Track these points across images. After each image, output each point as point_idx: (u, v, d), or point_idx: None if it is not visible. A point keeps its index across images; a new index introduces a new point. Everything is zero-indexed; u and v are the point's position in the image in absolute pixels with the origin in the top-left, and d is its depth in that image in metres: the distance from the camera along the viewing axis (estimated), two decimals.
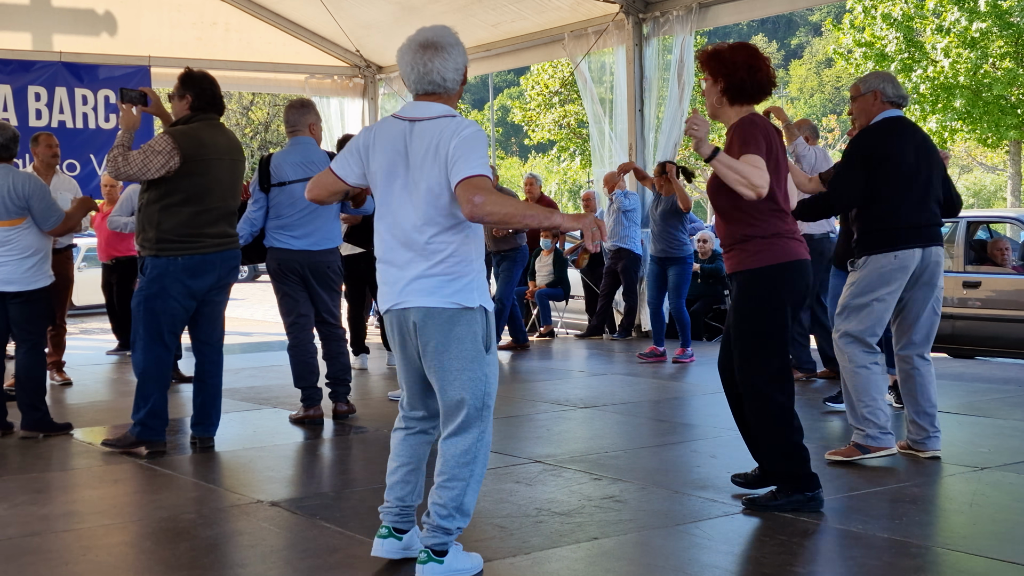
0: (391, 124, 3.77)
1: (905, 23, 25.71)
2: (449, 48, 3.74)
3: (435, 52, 3.72)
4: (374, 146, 3.77)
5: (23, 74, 12.34)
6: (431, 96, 3.75)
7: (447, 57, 3.73)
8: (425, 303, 3.63)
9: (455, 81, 3.76)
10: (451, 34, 3.80)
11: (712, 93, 4.51)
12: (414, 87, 3.77)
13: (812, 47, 72.45)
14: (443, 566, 3.65)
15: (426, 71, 3.71)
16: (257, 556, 4.03)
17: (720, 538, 4.22)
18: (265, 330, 13.77)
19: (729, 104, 4.51)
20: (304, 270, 6.65)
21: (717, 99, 4.51)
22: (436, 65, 3.71)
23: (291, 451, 6.14)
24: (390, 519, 3.87)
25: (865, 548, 3.99)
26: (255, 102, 37.37)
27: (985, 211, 14.35)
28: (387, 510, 3.88)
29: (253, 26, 14.30)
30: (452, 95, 3.78)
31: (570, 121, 36.34)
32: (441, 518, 3.64)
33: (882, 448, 5.34)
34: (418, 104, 3.76)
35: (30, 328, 6.46)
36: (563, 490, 4.95)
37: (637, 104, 11.77)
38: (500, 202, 3.51)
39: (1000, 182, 40.90)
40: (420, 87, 3.75)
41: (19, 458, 5.97)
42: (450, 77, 3.74)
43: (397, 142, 3.72)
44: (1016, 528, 4.29)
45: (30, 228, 6.41)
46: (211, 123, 5.90)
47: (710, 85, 4.51)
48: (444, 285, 3.63)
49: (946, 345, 9.89)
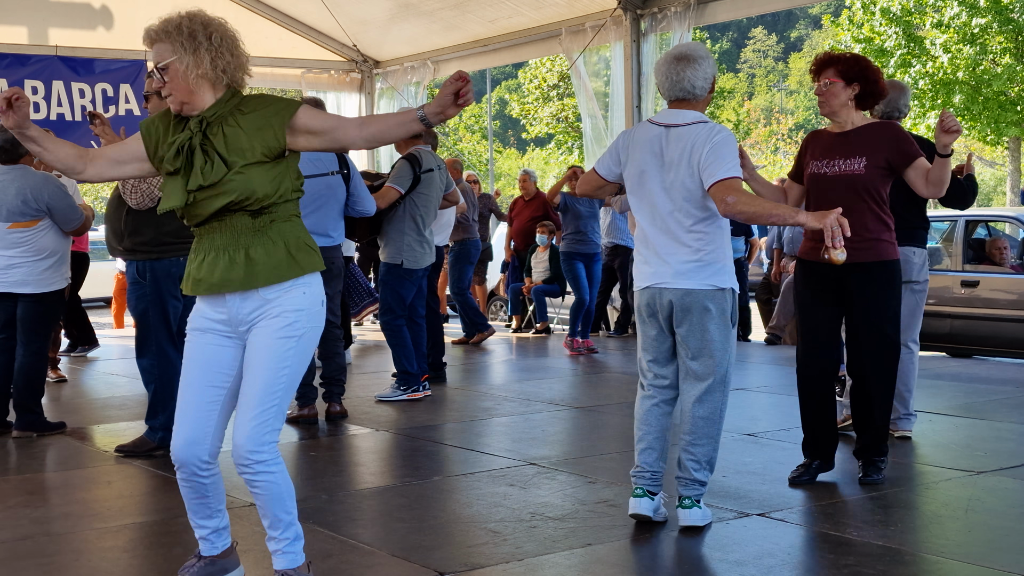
0: (647, 128, 4.36)
1: (904, 18, 25.67)
2: (700, 60, 4.29)
3: (687, 63, 4.27)
4: (631, 148, 4.36)
5: (19, 68, 12.31)
6: (683, 103, 4.32)
7: (697, 68, 4.27)
8: (684, 285, 4.23)
9: (704, 89, 4.31)
10: (702, 48, 4.37)
11: (842, 94, 4.93)
12: (668, 94, 4.34)
13: (812, 40, 72.38)
14: (703, 511, 4.31)
15: (679, 79, 4.27)
16: (250, 561, 4.01)
17: (714, 544, 4.20)
18: None
19: (855, 108, 4.99)
20: None
21: (847, 99, 4.95)
22: (688, 74, 4.26)
23: (284, 452, 6.12)
24: (643, 482, 4.36)
25: (859, 555, 3.97)
26: None
27: (984, 210, 14.35)
28: (639, 474, 4.37)
29: (250, 20, 14.26)
30: (701, 101, 4.33)
31: (568, 115, 36.29)
32: (695, 471, 4.28)
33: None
34: (672, 111, 4.33)
35: (37, 330, 6.40)
36: (557, 494, 4.94)
37: (635, 100, 11.74)
38: (750, 201, 4.10)
39: (1000, 176, 40.87)
40: (673, 94, 4.32)
41: (13, 459, 5.96)
42: (699, 85, 4.29)
43: (653, 144, 4.30)
44: (1012, 535, 4.27)
45: (47, 230, 6.35)
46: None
47: (841, 87, 4.92)
48: (700, 269, 4.22)
49: (944, 344, 9.88)
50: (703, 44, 4.35)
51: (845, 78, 4.93)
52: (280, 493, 3.36)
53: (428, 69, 14.69)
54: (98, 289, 17.81)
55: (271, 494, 3.34)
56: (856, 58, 5.00)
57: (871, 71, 4.95)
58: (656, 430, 4.40)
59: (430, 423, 6.79)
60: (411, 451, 6.08)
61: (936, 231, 11.09)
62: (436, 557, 4.01)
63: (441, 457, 5.94)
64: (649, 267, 4.33)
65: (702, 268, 4.22)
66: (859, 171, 4.88)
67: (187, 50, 3.26)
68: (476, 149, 44.98)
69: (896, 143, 4.92)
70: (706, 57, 4.31)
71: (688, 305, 4.23)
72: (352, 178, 6.80)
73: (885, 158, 4.89)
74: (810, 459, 5.10)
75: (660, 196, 4.27)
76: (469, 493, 5.02)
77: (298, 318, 3.33)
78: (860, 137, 4.94)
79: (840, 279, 4.93)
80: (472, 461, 5.72)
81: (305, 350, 3.36)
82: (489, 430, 6.61)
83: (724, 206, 4.08)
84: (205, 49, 3.27)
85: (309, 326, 3.37)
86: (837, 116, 5.00)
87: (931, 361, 9.55)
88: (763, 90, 70.04)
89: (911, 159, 4.90)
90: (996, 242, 10.02)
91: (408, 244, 7.45)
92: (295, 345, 3.33)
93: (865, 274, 4.90)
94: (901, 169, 4.92)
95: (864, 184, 4.88)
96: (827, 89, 4.95)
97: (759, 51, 79.54)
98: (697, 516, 4.28)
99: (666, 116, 4.34)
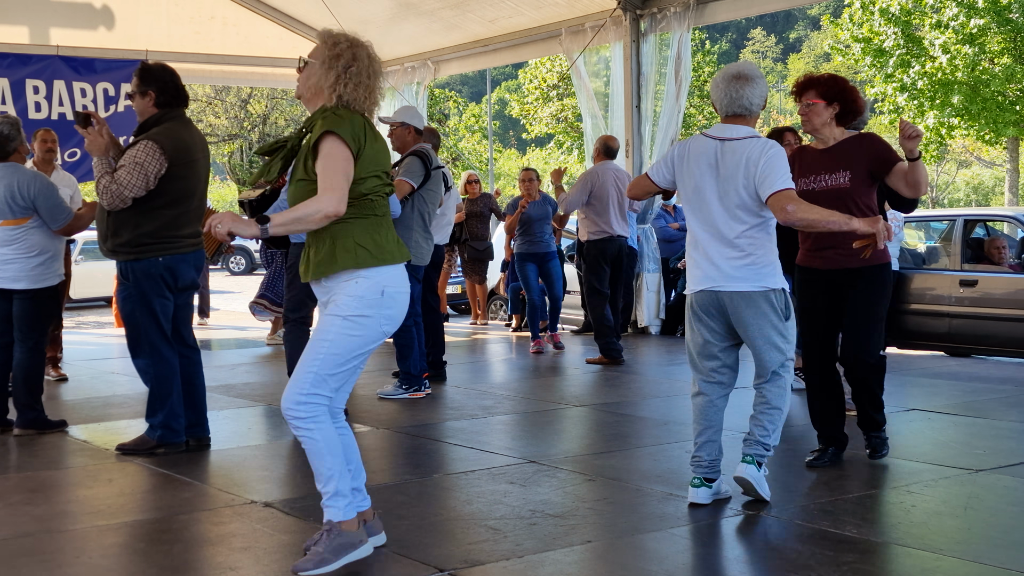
0: (703, 141, 4.69)
1: (903, 18, 25.68)
2: (756, 80, 4.65)
3: (745, 82, 4.62)
4: (687, 158, 4.70)
5: (21, 67, 12.30)
6: (738, 119, 4.65)
7: (755, 87, 4.63)
8: (740, 288, 4.58)
9: (759, 106, 4.67)
10: (757, 68, 4.74)
11: (824, 113, 5.27)
12: (725, 110, 4.66)
13: (811, 41, 72.39)
14: (759, 471, 4.62)
15: (737, 96, 4.61)
16: (250, 559, 4.02)
17: (714, 542, 4.22)
18: (262, 325, 13.73)
19: (836, 124, 5.32)
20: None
21: (829, 117, 5.29)
22: (746, 92, 4.61)
23: (285, 449, 6.13)
24: (702, 471, 4.67)
25: (859, 553, 3.98)
26: (253, 95, 37.32)
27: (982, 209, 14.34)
28: (697, 464, 4.69)
29: (251, 20, 14.29)
30: (753, 117, 4.68)
31: (568, 115, 36.30)
32: (762, 437, 4.67)
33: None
34: (726, 126, 4.66)
35: (32, 326, 6.41)
36: (557, 491, 4.95)
37: (634, 100, 11.75)
38: (808, 209, 4.45)
39: (999, 176, 40.87)
40: (730, 110, 4.65)
41: (14, 457, 5.97)
42: (756, 103, 4.64)
43: (710, 156, 4.64)
44: (1011, 533, 4.28)
45: (37, 227, 6.35)
46: (183, 122, 5.74)
47: (823, 107, 5.25)
48: (754, 272, 4.57)
49: (942, 343, 9.89)
50: (756, 65, 4.78)
51: (826, 98, 5.26)
52: (319, 450, 3.77)
53: (428, 69, 14.70)
54: (98, 289, 17.85)
55: (309, 449, 3.78)
56: (835, 78, 5.35)
57: (849, 90, 5.29)
58: (715, 424, 4.75)
59: (430, 421, 6.81)
60: (411, 449, 6.10)
61: (934, 231, 11.10)
62: (436, 554, 4.02)
63: (441, 455, 5.96)
64: (703, 271, 4.67)
65: (754, 271, 4.58)
66: (844, 184, 5.21)
67: (323, 62, 3.85)
68: (476, 149, 44.97)
69: (875, 153, 5.23)
70: (761, 77, 4.68)
71: (744, 306, 4.59)
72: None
73: (867, 169, 5.20)
74: (825, 445, 5.43)
75: (715, 204, 4.61)
76: (469, 491, 5.04)
77: (349, 302, 3.74)
78: (843, 151, 5.27)
79: (836, 282, 5.28)
80: (472, 459, 5.73)
81: (350, 331, 3.73)
82: (489, 428, 6.62)
83: (784, 214, 4.43)
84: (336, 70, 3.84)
85: (362, 311, 3.75)
86: (820, 133, 5.33)
87: (930, 360, 9.56)
88: None
89: (891, 165, 5.19)
90: (995, 241, 10.03)
91: (415, 241, 7.45)
92: (339, 323, 3.73)
93: (859, 278, 5.23)
94: (883, 176, 5.23)
95: (851, 195, 5.18)
96: (809, 109, 5.27)
97: (758, 52, 79.56)
98: (752, 472, 4.60)
99: (720, 130, 4.67)
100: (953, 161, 43.48)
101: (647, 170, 4.95)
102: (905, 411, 6.77)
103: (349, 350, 3.76)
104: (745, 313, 4.59)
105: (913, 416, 6.70)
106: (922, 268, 10.17)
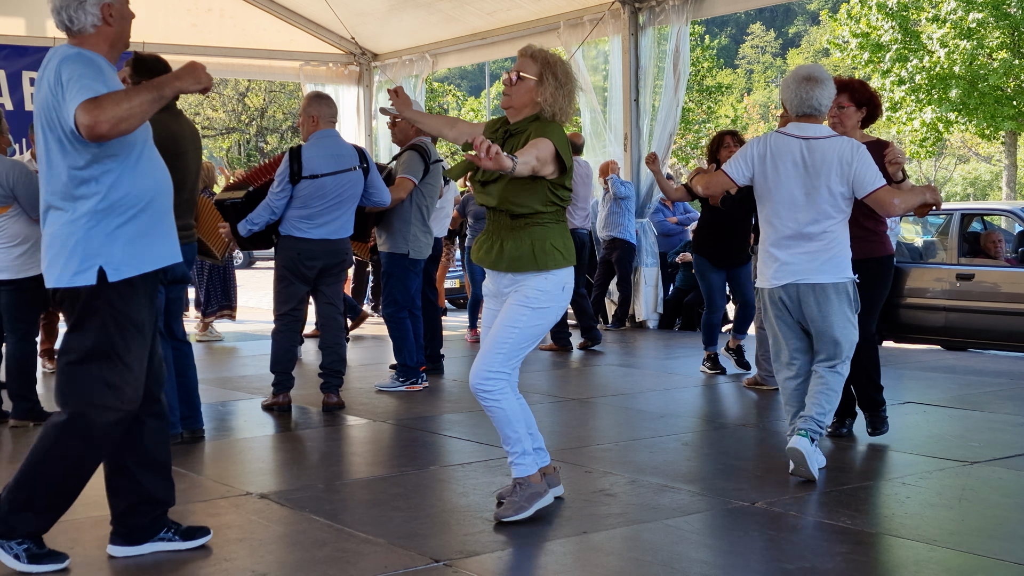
0: (784, 140, 4.97)
1: (901, 13, 25.68)
2: (825, 82, 4.95)
3: (815, 84, 4.92)
4: (767, 156, 4.98)
5: (17, 59, 12.28)
6: (809, 118, 4.96)
7: (824, 88, 4.94)
8: (819, 280, 4.93)
9: (827, 107, 5.00)
10: (825, 71, 5.01)
11: (854, 116, 5.58)
12: (796, 110, 4.97)
13: (810, 36, 72.32)
14: (812, 444, 4.85)
15: (808, 97, 4.91)
16: (246, 550, 4.02)
17: (709, 533, 4.23)
18: (259, 318, 13.74)
19: (861, 128, 5.64)
20: (320, 259, 6.68)
21: (857, 121, 5.60)
22: (816, 93, 4.91)
23: (280, 442, 6.13)
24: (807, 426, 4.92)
25: (854, 543, 3.99)
26: (251, 88, 37.28)
27: (979, 203, 14.36)
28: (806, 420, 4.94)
29: (248, 13, 14.26)
30: (822, 116, 5.01)
31: None
32: (818, 414, 4.92)
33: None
34: (803, 125, 4.97)
35: (20, 317, 6.41)
36: None
37: (632, 94, 11.75)
38: (907, 198, 4.91)
39: (996, 171, 40.89)
40: (801, 110, 4.96)
41: (9, 448, 5.97)
42: (824, 104, 4.96)
43: (795, 154, 4.92)
44: (1005, 524, 4.29)
45: (18, 216, 6.33)
46: (173, 113, 5.68)
47: (853, 111, 5.55)
48: (832, 265, 4.93)
49: (939, 337, 9.90)
50: (824, 68, 5.05)
51: (856, 103, 5.56)
52: (506, 417, 4.25)
53: (427, 62, 14.69)
54: None
55: (496, 417, 4.26)
56: (864, 84, 5.67)
57: (874, 96, 5.66)
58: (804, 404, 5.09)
59: (427, 414, 6.81)
60: (408, 441, 6.10)
61: (931, 225, 11.10)
62: (432, 545, 4.03)
63: (438, 447, 5.96)
64: (783, 264, 4.99)
65: (832, 265, 4.93)
66: None
67: (541, 77, 4.25)
68: None
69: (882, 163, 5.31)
70: (829, 79, 4.98)
71: (820, 297, 4.93)
72: (370, 171, 6.85)
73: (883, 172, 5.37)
74: (840, 419, 5.83)
75: (800, 200, 4.91)
76: (465, 483, 5.04)
77: (539, 296, 4.24)
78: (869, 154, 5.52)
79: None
80: (469, 451, 5.74)
81: (536, 320, 4.24)
82: (485, 421, 6.56)
83: (892, 208, 4.87)
84: (550, 84, 4.25)
85: (547, 303, 4.25)
86: (848, 135, 5.38)
87: (926, 354, 9.57)
88: (761, 86, 69.99)
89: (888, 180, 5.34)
90: (991, 236, 10.04)
91: (414, 234, 7.46)
92: (528, 312, 4.23)
93: (862, 269, 5.29)
94: (891, 180, 5.33)
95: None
96: (841, 112, 5.54)
97: (757, 47, 79.51)
98: (805, 444, 4.82)
99: (800, 129, 4.96)
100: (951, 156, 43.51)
101: (723, 167, 5.19)
102: (901, 404, 6.78)
103: (532, 336, 4.28)
104: (824, 304, 4.93)
105: (909, 409, 6.71)
106: (919, 262, 10.18)
